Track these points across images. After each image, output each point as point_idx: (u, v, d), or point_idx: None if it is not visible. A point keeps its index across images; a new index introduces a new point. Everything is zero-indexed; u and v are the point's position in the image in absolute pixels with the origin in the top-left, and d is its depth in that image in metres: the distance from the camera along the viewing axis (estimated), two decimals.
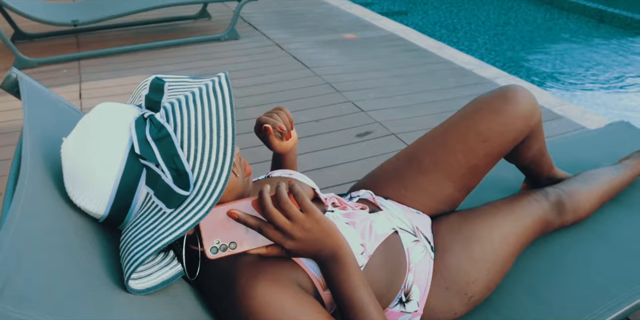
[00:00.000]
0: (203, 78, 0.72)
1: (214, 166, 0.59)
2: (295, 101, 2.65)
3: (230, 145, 0.59)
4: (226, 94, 0.61)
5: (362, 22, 4.16)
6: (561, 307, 0.99)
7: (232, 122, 0.60)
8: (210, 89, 0.62)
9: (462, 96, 2.83)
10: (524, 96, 0.93)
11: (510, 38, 4.99)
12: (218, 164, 0.59)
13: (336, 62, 3.21)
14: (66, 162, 0.61)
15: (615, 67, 4.25)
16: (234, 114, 0.60)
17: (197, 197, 0.59)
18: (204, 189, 0.59)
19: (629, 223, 1.21)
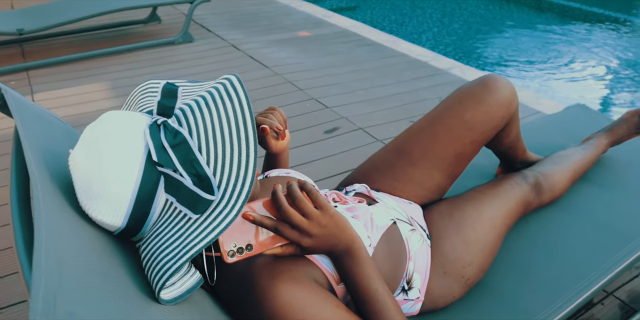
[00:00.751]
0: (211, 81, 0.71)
1: (237, 168, 0.59)
2: (259, 101, 2.65)
3: (252, 146, 0.59)
4: (241, 95, 0.61)
5: (315, 19, 4.18)
6: (550, 282, 1.05)
7: (251, 122, 0.60)
8: (223, 91, 0.62)
9: (421, 88, 2.90)
10: (503, 84, 0.97)
11: (457, 29, 5.13)
12: (242, 166, 0.59)
13: (294, 60, 3.22)
14: (78, 175, 0.59)
15: (558, 52, 4.45)
16: (252, 115, 0.60)
17: (222, 200, 0.58)
18: (229, 191, 0.58)
19: (598, 199, 1.28)
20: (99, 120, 0.62)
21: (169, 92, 0.66)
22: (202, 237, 0.56)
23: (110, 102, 2.61)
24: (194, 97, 0.64)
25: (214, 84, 0.65)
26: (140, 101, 0.71)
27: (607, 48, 4.63)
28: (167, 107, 0.65)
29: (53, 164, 0.65)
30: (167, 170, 0.59)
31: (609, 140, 1.37)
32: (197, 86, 0.70)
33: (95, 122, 0.63)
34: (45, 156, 0.64)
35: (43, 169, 0.60)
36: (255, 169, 0.59)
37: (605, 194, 1.30)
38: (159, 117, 0.63)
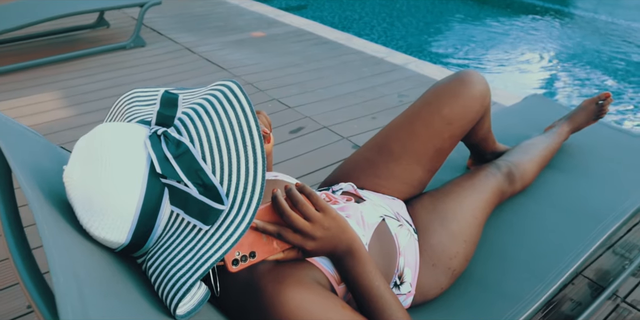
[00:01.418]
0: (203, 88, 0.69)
1: (245, 175, 0.58)
2: None
3: (259, 151, 0.58)
4: (242, 100, 0.60)
5: (267, 19, 4.16)
6: (529, 267, 1.09)
7: (256, 128, 0.59)
8: (222, 97, 0.61)
9: (379, 84, 2.94)
10: (478, 79, 1.00)
11: (406, 24, 5.22)
12: (250, 172, 0.58)
13: (252, 61, 3.19)
14: (76, 193, 0.57)
15: (504, 44, 4.60)
16: (257, 120, 0.59)
17: (233, 209, 0.57)
18: (238, 199, 0.57)
19: (564, 184, 1.34)
20: (93, 133, 0.60)
21: (168, 101, 0.64)
22: (215, 248, 0.55)
23: (66, 111, 2.51)
24: (190, 106, 0.63)
25: (211, 91, 0.64)
26: (127, 111, 0.69)
27: (549, 39, 4.83)
28: (166, 117, 0.63)
29: (41, 181, 0.62)
30: (171, 181, 0.57)
31: (570, 127, 1.44)
32: (190, 93, 0.68)
33: (89, 135, 0.60)
34: (36, 174, 0.62)
35: (36, 188, 0.57)
36: (264, 174, 0.58)
37: (570, 179, 1.36)
38: (157, 127, 0.61)
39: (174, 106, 0.63)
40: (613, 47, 4.61)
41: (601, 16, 5.62)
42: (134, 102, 0.69)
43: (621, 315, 1.40)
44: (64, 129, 2.33)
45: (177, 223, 0.58)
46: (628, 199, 1.28)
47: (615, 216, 1.21)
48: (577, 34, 5.00)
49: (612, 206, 1.25)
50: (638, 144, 1.54)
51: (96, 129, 0.60)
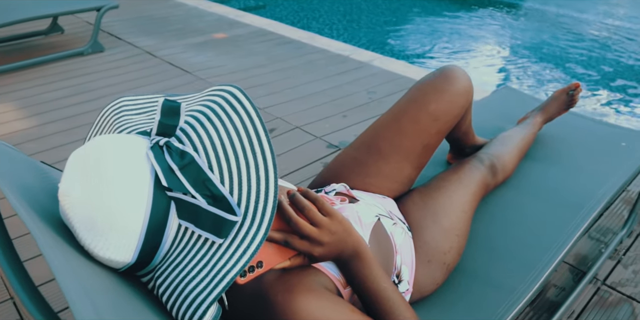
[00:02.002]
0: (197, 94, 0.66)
1: (257, 183, 0.55)
2: None
3: (270, 157, 0.55)
4: (247, 104, 0.57)
5: (227, 20, 4.10)
6: (518, 258, 1.10)
7: (265, 133, 0.56)
8: (224, 102, 0.58)
9: (346, 82, 2.94)
10: (462, 74, 1.01)
11: (366, 21, 5.25)
12: (261, 180, 0.55)
13: (216, 64, 3.14)
14: (76, 212, 0.53)
15: (464, 37, 4.69)
16: (264, 125, 0.57)
17: (246, 219, 0.54)
18: (251, 209, 0.54)
19: (542, 174, 1.37)
20: (88, 147, 0.56)
21: (169, 109, 0.60)
22: (232, 262, 0.52)
23: (26, 122, 2.41)
24: (190, 113, 0.60)
25: (210, 97, 0.61)
26: (116, 122, 0.65)
27: (506, 32, 4.95)
28: (168, 126, 0.59)
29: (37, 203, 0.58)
30: (177, 194, 0.54)
31: (543, 118, 1.47)
32: (185, 99, 0.65)
33: (85, 150, 0.56)
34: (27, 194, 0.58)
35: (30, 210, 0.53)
36: (277, 182, 0.56)
37: (548, 168, 1.39)
38: (157, 137, 0.58)
39: (176, 115, 0.60)
40: (566, 38, 4.77)
41: (552, 8, 5.80)
42: (123, 112, 0.65)
43: (603, 297, 1.44)
44: (24, 141, 2.24)
45: (187, 237, 0.56)
46: (604, 185, 1.32)
47: (594, 203, 1.25)
48: (531, 27, 5.14)
49: (590, 193, 1.28)
50: (606, 132, 1.59)
51: (91, 142, 0.57)
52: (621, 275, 1.53)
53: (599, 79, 3.77)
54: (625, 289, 1.47)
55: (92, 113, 2.49)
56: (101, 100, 2.63)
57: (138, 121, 0.64)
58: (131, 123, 0.64)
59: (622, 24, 5.26)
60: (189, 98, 0.66)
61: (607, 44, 4.63)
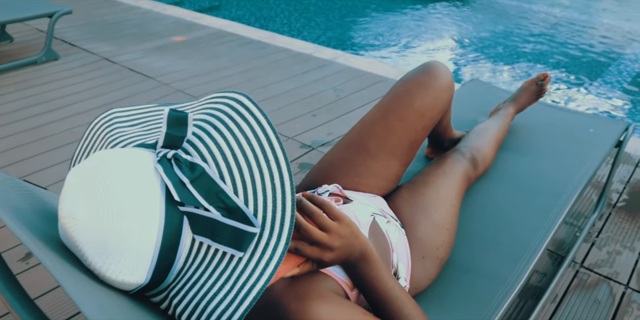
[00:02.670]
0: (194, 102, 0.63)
1: (272, 192, 0.53)
2: None
3: (284, 165, 0.54)
4: (255, 112, 0.55)
5: (185, 22, 4.03)
6: (504, 248, 1.13)
7: (277, 140, 0.54)
8: (230, 110, 0.56)
9: (313, 80, 2.93)
10: (444, 70, 1.02)
11: (324, 19, 5.25)
12: (277, 188, 0.53)
13: (178, 68, 3.08)
14: (83, 235, 0.50)
15: (423, 31, 4.76)
16: (276, 132, 0.55)
17: (265, 230, 0.52)
18: (269, 219, 0.53)
19: (518, 164, 1.40)
20: (90, 164, 0.53)
21: (176, 119, 0.57)
22: (256, 276, 0.50)
23: None
24: (194, 123, 0.57)
25: (215, 106, 0.59)
26: (108, 135, 0.62)
27: (463, 24, 5.05)
28: (175, 138, 0.56)
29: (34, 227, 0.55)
30: (189, 208, 0.52)
31: (515, 108, 1.50)
32: (184, 108, 0.63)
33: (86, 167, 0.53)
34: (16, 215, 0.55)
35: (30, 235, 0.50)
36: (294, 189, 0.54)
37: (523, 158, 1.42)
38: (163, 150, 0.55)
39: (183, 125, 0.57)
40: (522, 29, 4.90)
41: (505, 0, 5.95)
42: (115, 124, 0.63)
43: (582, 280, 1.49)
44: None
45: (202, 253, 0.53)
46: (578, 171, 1.36)
47: (572, 189, 1.29)
48: (487, 19, 5.26)
49: (567, 180, 1.32)
50: (574, 119, 1.64)
51: (92, 159, 0.53)
52: (597, 256, 1.58)
53: (556, 68, 3.89)
54: (602, 269, 1.53)
55: (53, 124, 2.40)
56: (61, 111, 2.53)
57: (133, 133, 0.61)
58: (126, 135, 0.61)
59: (572, 15, 5.45)
60: (186, 106, 0.63)
61: (560, 33, 4.79)
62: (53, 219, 0.63)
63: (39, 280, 1.47)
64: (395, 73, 3.08)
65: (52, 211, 0.66)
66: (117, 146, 0.61)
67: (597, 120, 1.63)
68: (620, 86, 3.54)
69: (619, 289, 1.46)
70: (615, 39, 4.66)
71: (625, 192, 1.93)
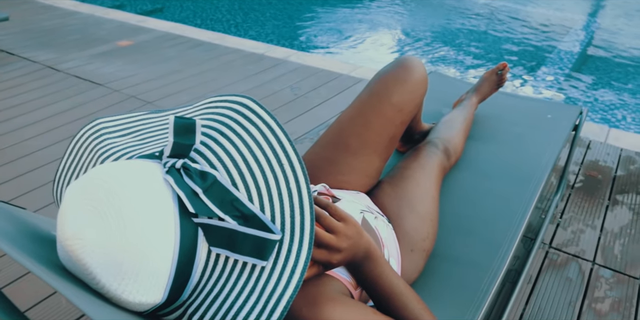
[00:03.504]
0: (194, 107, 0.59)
1: (289, 196, 0.51)
2: None
3: (299, 168, 0.52)
4: (263, 115, 0.53)
5: (129, 26, 3.90)
6: (484, 236, 1.15)
7: (289, 143, 0.52)
8: (237, 115, 0.53)
9: (268, 80, 2.91)
10: (418, 64, 1.03)
11: (270, 18, 5.22)
12: (293, 193, 0.51)
13: (128, 73, 2.98)
14: (94, 257, 0.46)
15: (368, 26, 4.81)
16: (287, 134, 0.53)
17: (285, 236, 0.50)
18: (288, 224, 0.51)
19: (486, 152, 1.44)
20: (92, 180, 0.49)
21: (183, 127, 0.54)
22: (283, 284, 0.48)
23: None
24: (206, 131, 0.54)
25: (219, 110, 0.56)
26: (97, 147, 0.59)
27: (405, 18, 5.14)
28: (183, 146, 0.54)
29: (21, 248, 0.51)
30: (204, 219, 0.50)
31: (478, 98, 1.54)
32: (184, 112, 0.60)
33: (88, 183, 0.49)
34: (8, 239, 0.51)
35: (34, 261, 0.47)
36: (310, 192, 0.52)
37: (489, 146, 1.46)
38: (169, 159, 0.53)
39: (190, 133, 0.54)
40: (464, 21, 5.04)
41: None
42: (104, 135, 0.59)
43: (552, 260, 1.55)
44: None
45: (220, 265, 0.51)
46: (543, 156, 1.41)
47: (539, 174, 1.33)
48: (431, 11, 5.38)
49: (534, 165, 1.37)
50: (532, 106, 1.70)
51: (94, 174, 0.50)
52: (563, 237, 1.65)
53: (501, 58, 4.03)
54: (570, 248, 1.59)
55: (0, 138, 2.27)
56: (5, 124, 2.40)
57: (125, 144, 0.58)
58: (118, 147, 0.58)
59: (510, 6, 5.65)
60: (180, 113, 0.61)
61: (501, 24, 4.95)
62: (42, 240, 0.60)
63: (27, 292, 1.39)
64: (350, 69, 3.10)
65: (38, 232, 0.62)
66: (109, 159, 0.58)
67: (554, 106, 1.70)
68: (562, 72, 3.71)
69: (587, 266, 1.52)
70: (553, 28, 4.87)
71: (580, 173, 2.02)
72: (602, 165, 2.08)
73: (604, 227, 1.70)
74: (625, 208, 1.81)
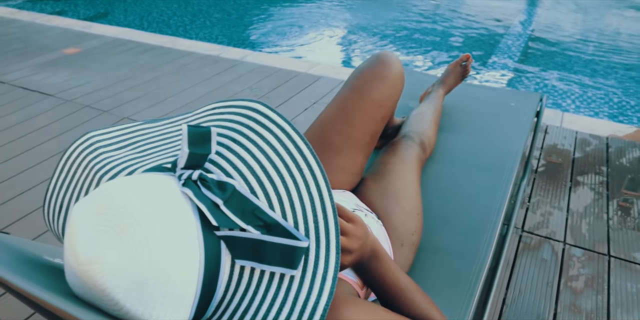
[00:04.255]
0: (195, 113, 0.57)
1: (311, 202, 0.50)
2: (62, 136, 2.30)
3: (319, 172, 0.50)
4: (276, 118, 0.51)
5: (75, 32, 3.75)
6: (466, 226, 1.18)
7: (307, 147, 0.51)
8: (248, 121, 0.51)
9: (227, 82, 2.86)
10: (395, 59, 1.03)
11: (219, 18, 5.14)
12: (315, 198, 0.50)
13: (79, 82, 2.86)
14: (116, 281, 0.43)
15: (316, 23, 4.81)
16: (304, 138, 0.51)
17: (310, 243, 0.49)
18: (312, 230, 0.49)
19: (458, 143, 1.47)
20: (104, 198, 0.46)
21: (198, 136, 0.51)
22: (316, 291, 0.47)
23: None
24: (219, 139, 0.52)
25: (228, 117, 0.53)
26: (93, 163, 0.55)
27: (357, 13, 5.18)
28: (199, 156, 0.51)
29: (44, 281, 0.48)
30: (226, 232, 0.48)
31: (444, 90, 1.57)
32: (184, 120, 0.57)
33: (99, 202, 0.46)
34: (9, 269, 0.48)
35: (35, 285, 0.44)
36: (332, 195, 0.51)
37: (460, 137, 1.49)
38: (184, 171, 0.50)
39: (205, 142, 0.51)
40: (413, 15, 5.13)
41: None
42: (99, 149, 0.56)
43: (526, 243, 1.60)
44: None
45: (246, 278, 0.49)
46: (512, 143, 1.45)
47: (512, 161, 1.37)
48: (383, 6, 5.44)
49: (504, 153, 1.41)
50: (495, 95, 1.74)
51: (105, 192, 0.46)
52: (533, 220, 1.71)
53: (451, 49, 4.12)
54: (541, 231, 1.65)
55: None
56: None
57: (124, 157, 0.55)
58: (117, 161, 0.55)
59: None
60: (181, 121, 0.58)
61: (447, 16, 5.06)
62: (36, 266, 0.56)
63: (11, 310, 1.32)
64: (308, 67, 3.10)
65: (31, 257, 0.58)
66: (109, 173, 0.55)
67: (516, 94, 1.75)
68: (512, 61, 3.83)
69: (559, 247, 1.58)
70: (498, 18, 5.02)
71: (542, 157, 2.09)
72: (561, 148, 2.16)
73: (570, 208, 1.77)
74: (587, 188, 1.89)
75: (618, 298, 1.40)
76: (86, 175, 0.57)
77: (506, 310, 1.36)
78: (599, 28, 4.74)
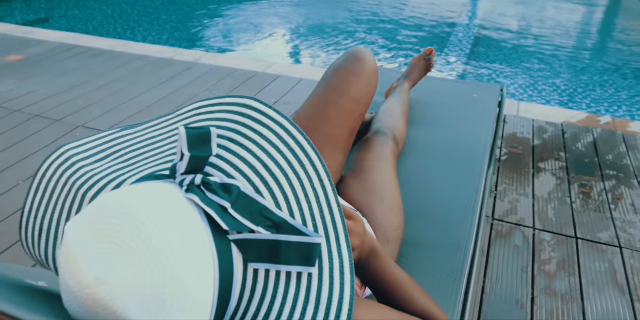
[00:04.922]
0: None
1: (316, 197, 0.48)
2: (13, 148, 2.18)
3: (320, 166, 0.49)
4: (272, 114, 0.49)
5: (15, 39, 3.57)
6: (447, 219, 1.19)
7: (306, 141, 0.49)
8: (243, 119, 0.49)
9: (184, 85, 2.80)
10: (369, 55, 1.03)
11: (167, 20, 5.02)
12: (319, 193, 0.48)
13: (25, 90, 2.72)
14: (128, 300, 0.39)
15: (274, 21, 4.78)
16: (302, 132, 0.49)
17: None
18: (320, 226, 0.48)
19: (429, 136, 1.48)
20: (103, 214, 0.42)
21: (197, 138, 0.48)
22: (338, 286, 0.45)
23: None
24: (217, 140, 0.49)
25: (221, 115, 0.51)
26: (73, 178, 0.51)
27: (309, 11, 5.17)
28: (200, 160, 0.48)
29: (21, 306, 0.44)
30: (237, 236, 0.46)
31: (410, 84, 1.58)
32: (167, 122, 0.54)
33: (98, 218, 0.42)
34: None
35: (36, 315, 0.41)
36: (335, 189, 0.50)
37: (428, 130, 1.51)
38: (185, 177, 0.47)
39: (205, 143, 0.49)
40: (370, 11, 5.16)
41: None
42: (77, 164, 0.52)
43: (498, 231, 1.63)
44: None
45: (261, 281, 0.47)
46: (480, 134, 1.48)
47: (482, 152, 1.39)
48: (334, 3, 5.45)
49: (474, 144, 1.43)
50: (457, 88, 1.77)
51: (104, 206, 0.43)
52: (502, 208, 1.75)
53: (404, 43, 4.17)
54: (511, 218, 1.69)
55: None
56: None
57: (107, 169, 0.52)
58: (101, 174, 0.51)
59: None
60: (164, 123, 0.55)
61: (394, 12, 5.13)
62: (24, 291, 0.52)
63: None
64: (264, 66, 3.06)
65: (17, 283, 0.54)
66: (94, 187, 0.51)
67: (477, 86, 1.78)
68: (463, 53, 3.92)
69: (529, 232, 1.63)
70: (447, 11, 5.13)
71: (503, 146, 2.15)
72: (521, 137, 2.23)
73: (535, 194, 1.82)
74: (549, 174, 1.95)
75: (589, 278, 1.45)
76: (67, 193, 0.53)
77: (486, 299, 1.39)
78: (541, 19, 4.93)
